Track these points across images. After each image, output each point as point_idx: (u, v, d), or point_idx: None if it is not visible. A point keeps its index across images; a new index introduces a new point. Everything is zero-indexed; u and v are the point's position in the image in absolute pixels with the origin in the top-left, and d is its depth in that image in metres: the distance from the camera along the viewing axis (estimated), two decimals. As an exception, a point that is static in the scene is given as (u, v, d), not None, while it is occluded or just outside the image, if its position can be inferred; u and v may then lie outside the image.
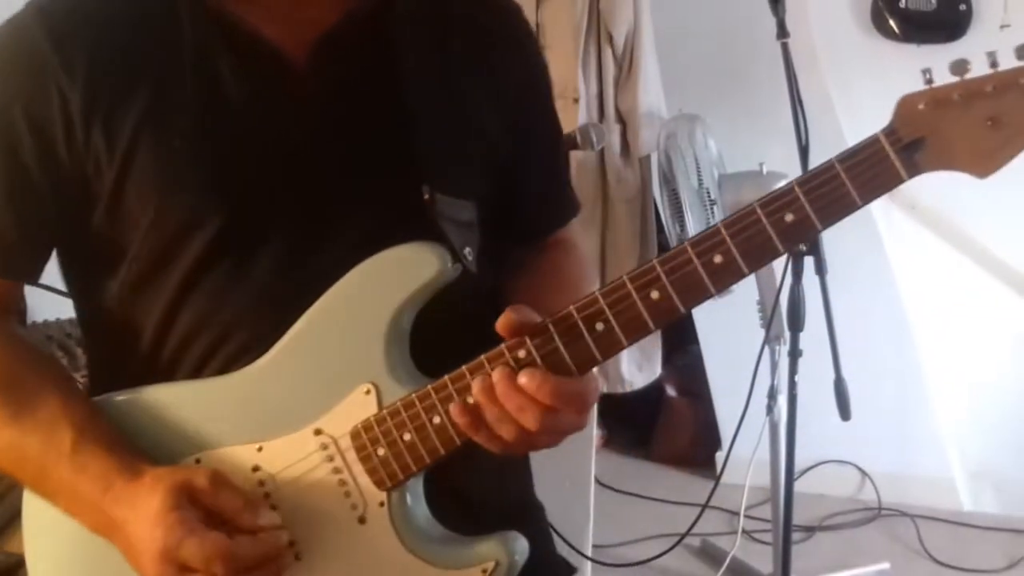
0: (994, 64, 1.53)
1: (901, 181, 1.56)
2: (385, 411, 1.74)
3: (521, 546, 1.76)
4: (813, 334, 4.58)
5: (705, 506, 5.53)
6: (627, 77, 5.67)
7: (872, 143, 1.56)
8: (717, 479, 5.62)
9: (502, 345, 1.70)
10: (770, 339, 4.89)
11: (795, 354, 4.65)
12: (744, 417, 5.16)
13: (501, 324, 1.67)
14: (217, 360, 1.83)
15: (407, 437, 1.73)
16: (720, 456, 6.16)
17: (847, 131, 5.82)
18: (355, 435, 1.75)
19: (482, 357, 1.71)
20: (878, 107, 5.06)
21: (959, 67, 1.55)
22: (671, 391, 6.88)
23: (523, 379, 1.65)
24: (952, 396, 6.24)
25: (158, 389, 1.84)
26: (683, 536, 5.49)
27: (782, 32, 4.49)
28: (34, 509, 1.89)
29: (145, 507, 1.68)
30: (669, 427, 6.90)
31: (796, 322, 4.60)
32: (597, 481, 5.17)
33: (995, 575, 5.53)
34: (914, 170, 1.55)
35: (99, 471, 1.74)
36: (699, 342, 6.43)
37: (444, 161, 1.90)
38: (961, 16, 5.81)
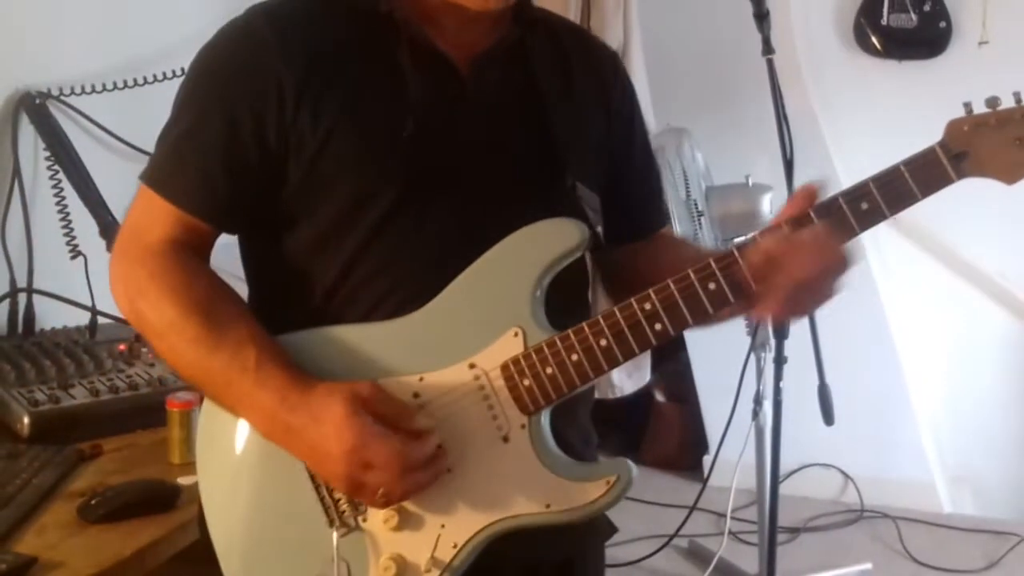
0: (1019, 101, 1.91)
1: (952, 181, 1.95)
2: (531, 350, 2.02)
3: (633, 467, 2.06)
4: (797, 342, 4.59)
5: (693, 508, 5.55)
6: (617, 92, 5.67)
7: (930, 152, 1.94)
8: (704, 482, 5.65)
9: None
10: (756, 346, 4.89)
11: (780, 361, 4.66)
12: (731, 422, 5.19)
13: (806, 193, 2.01)
14: (385, 307, 2.10)
15: (549, 371, 2.01)
16: (707, 460, 6.17)
17: (831, 144, 5.84)
18: (505, 368, 2.03)
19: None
20: (861, 120, 5.12)
21: (992, 102, 1.93)
22: (660, 397, 6.87)
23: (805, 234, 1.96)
24: (932, 402, 6.26)
25: (330, 329, 2.10)
26: (672, 537, 5.51)
27: (767, 48, 4.50)
28: (210, 426, 2.19)
29: (327, 413, 1.95)
30: (658, 432, 6.89)
31: (781, 330, 4.61)
32: (588, 484, 5.17)
33: (974, 575, 5.53)
34: (961, 174, 1.94)
35: (277, 384, 2.00)
36: (687, 349, 6.43)
37: (579, 158, 2.24)
38: (941, 33, 5.83)
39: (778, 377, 4.67)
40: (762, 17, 4.48)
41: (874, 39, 5.93)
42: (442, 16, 2.15)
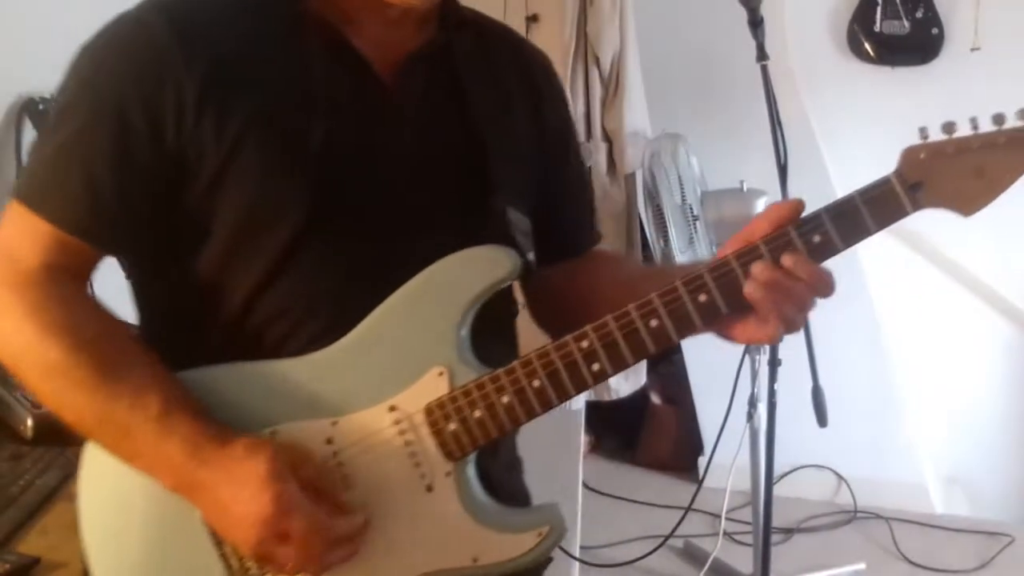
0: (975, 127, 1.79)
1: (907, 214, 1.82)
2: (458, 391, 1.86)
3: (564, 517, 1.90)
4: (791, 345, 4.57)
5: (688, 509, 5.55)
6: (613, 98, 5.68)
7: (885, 183, 1.81)
8: (699, 483, 5.63)
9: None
10: (750, 349, 4.90)
11: (774, 363, 4.66)
12: (725, 424, 5.19)
13: (759, 229, 1.86)
14: (295, 342, 1.90)
15: (477, 414, 1.85)
16: (702, 461, 6.17)
17: (824, 149, 5.84)
18: (428, 411, 1.86)
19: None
20: (854, 127, 5.12)
21: (949, 127, 1.80)
22: (656, 399, 6.88)
23: (787, 259, 1.82)
24: (925, 404, 6.26)
25: (235, 366, 1.89)
26: (667, 538, 5.50)
27: (762, 55, 4.51)
28: (96, 471, 1.96)
29: (246, 474, 1.75)
30: (654, 433, 6.90)
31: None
32: (585, 485, 5.18)
33: (966, 575, 5.53)
34: (917, 206, 1.81)
35: (187, 434, 1.79)
36: (682, 352, 6.43)
37: (509, 177, 2.06)
38: (933, 40, 5.83)
39: (772, 379, 4.67)
40: (756, 24, 4.49)
41: (867, 45, 5.93)
42: (363, 16, 1.96)
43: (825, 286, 1.84)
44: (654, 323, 1.82)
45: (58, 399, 1.86)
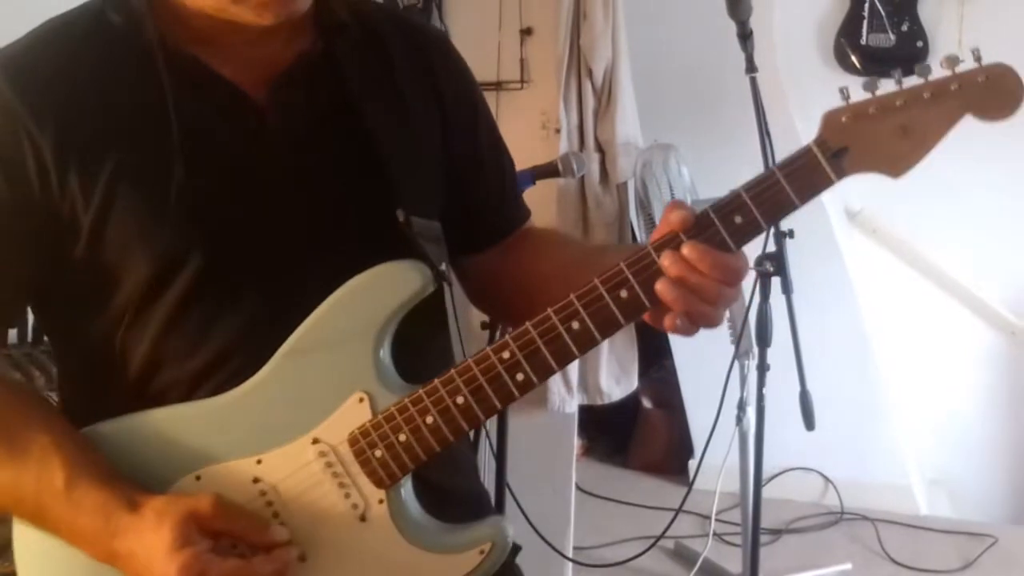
0: (899, 83, 1.69)
1: (832, 183, 1.68)
2: (380, 416, 1.75)
3: (510, 528, 1.80)
4: (780, 349, 4.59)
5: (679, 510, 5.53)
6: (606, 109, 5.68)
7: (806, 152, 1.68)
8: (690, 485, 5.61)
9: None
10: (739, 354, 4.90)
11: (763, 368, 4.66)
12: (715, 427, 5.17)
13: (677, 219, 1.72)
14: (209, 384, 1.80)
15: (403, 438, 1.75)
16: (693, 464, 6.16)
17: (811, 159, 5.84)
18: (353, 440, 1.76)
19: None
20: (840, 137, 4.98)
21: (870, 85, 1.71)
22: (647, 403, 6.87)
23: (686, 250, 1.68)
24: (909, 408, 6.27)
25: (150, 413, 1.80)
26: (658, 538, 5.49)
27: (751, 67, 4.51)
28: (27, 543, 1.84)
29: (153, 542, 1.64)
30: (645, 437, 6.89)
31: (764, 338, 4.62)
32: (578, 487, 5.19)
33: (950, 575, 5.54)
34: (841, 173, 1.68)
35: (95, 505, 1.68)
36: (673, 357, 6.43)
37: (410, 184, 1.92)
38: (918, 52, 5.84)
39: (761, 384, 4.67)
40: (745, 37, 4.49)
41: (854, 58, 5.94)
42: (222, 37, 1.80)
43: (732, 274, 1.70)
44: (576, 325, 1.71)
45: None
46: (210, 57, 1.80)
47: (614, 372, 5.80)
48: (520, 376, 1.73)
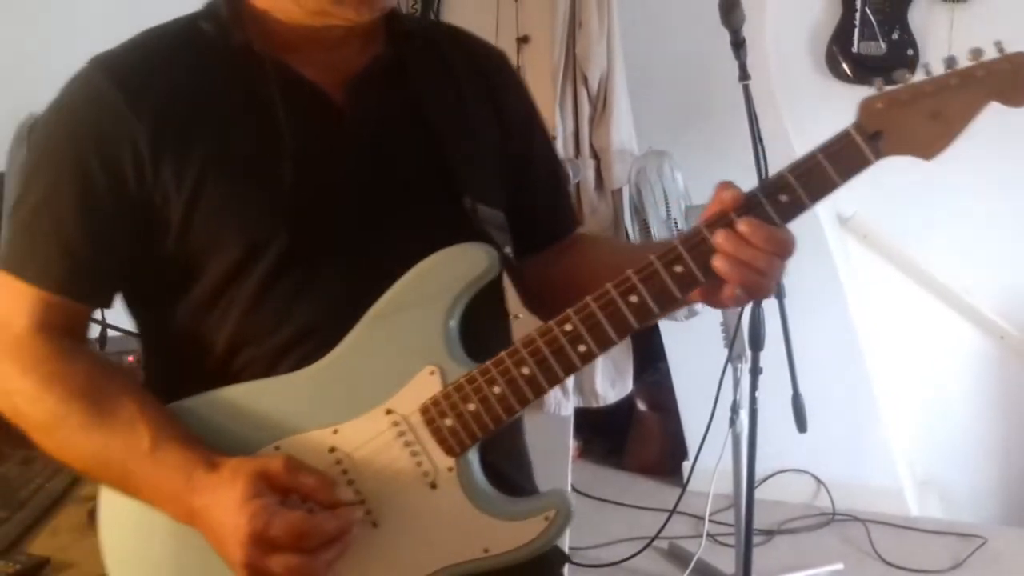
0: (928, 73, 1.82)
1: (870, 163, 1.80)
2: (450, 387, 1.83)
3: (571, 499, 1.87)
4: (772, 353, 4.60)
5: (673, 511, 5.55)
6: (601, 116, 5.68)
7: (845, 135, 1.80)
8: (684, 487, 5.65)
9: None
10: (733, 358, 4.90)
11: (756, 371, 4.67)
12: (709, 429, 5.20)
13: (729, 196, 1.81)
14: (289, 360, 1.90)
15: (472, 408, 1.83)
16: (687, 465, 6.18)
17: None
18: (424, 410, 1.84)
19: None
20: (832, 144, 4.97)
21: (901, 76, 1.83)
22: (641, 405, 6.87)
23: (741, 225, 1.78)
24: (900, 410, 6.27)
25: (232, 388, 1.89)
26: (653, 539, 5.51)
27: (744, 75, 4.52)
28: (112, 511, 1.94)
29: (227, 497, 1.73)
30: (640, 439, 6.89)
31: (757, 342, 4.62)
32: (574, 488, 5.20)
33: (940, 575, 5.55)
34: (879, 154, 1.79)
35: (177, 464, 1.78)
36: (667, 360, 6.43)
37: (474, 176, 2.04)
38: (908, 60, 5.85)
39: (754, 387, 4.68)
40: (739, 45, 4.50)
41: (845, 65, 5.95)
42: (306, 42, 1.95)
43: (783, 247, 1.81)
44: (634, 299, 1.80)
45: (63, 450, 1.87)
46: (293, 61, 1.94)
47: (609, 375, 5.80)
48: (582, 347, 1.82)
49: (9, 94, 3.51)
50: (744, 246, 1.78)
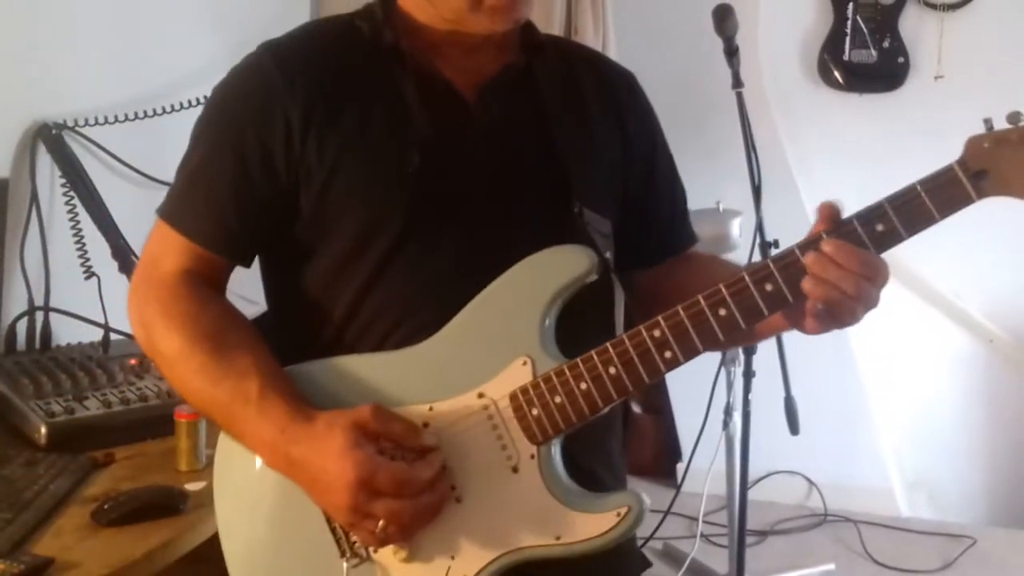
0: None
1: (972, 201, 1.77)
2: (540, 378, 1.90)
3: (646, 499, 1.93)
4: (765, 357, 4.61)
5: (667, 512, 5.55)
6: (596, 123, 5.68)
7: (948, 171, 1.76)
8: (678, 488, 5.64)
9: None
10: (726, 361, 4.90)
11: (749, 375, 4.68)
12: (702, 432, 5.19)
13: (827, 211, 1.85)
14: (396, 337, 2.01)
15: (558, 400, 1.89)
16: (681, 467, 6.15)
17: (796, 172, 5.85)
18: (513, 397, 1.91)
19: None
20: (824, 149, 5.14)
21: (1014, 118, 1.73)
22: (636, 408, 6.86)
23: (826, 246, 1.81)
24: (891, 413, 6.27)
25: (343, 359, 2.02)
26: (647, 539, 5.50)
27: (737, 82, 4.52)
28: (227, 454, 2.11)
29: (327, 446, 1.85)
30: (635, 441, 6.88)
31: (750, 345, 4.62)
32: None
33: (931, 575, 5.55)
34: (982, 193, 1.76)
35: (278, 415, 1.91)
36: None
37: (588, 184, 2.12)
38: (899, 68, 5.86)
39: (747, 390, 4.69)
40: (732, 53, 4.51)
41: (836, 73, 5.95)
42: (447, 45, 2.09)
43: (872, 270, 1.83)
44: (723, 312, 1.84)
45: (181, 385, 2.05)
46: (434, 61, 2.08)
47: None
48: (668, 353, 1.88)
49: (16, 103, 3.50)
50: (831, 266, 1.80)
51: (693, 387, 5.23)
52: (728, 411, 4.91)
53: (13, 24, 3.45)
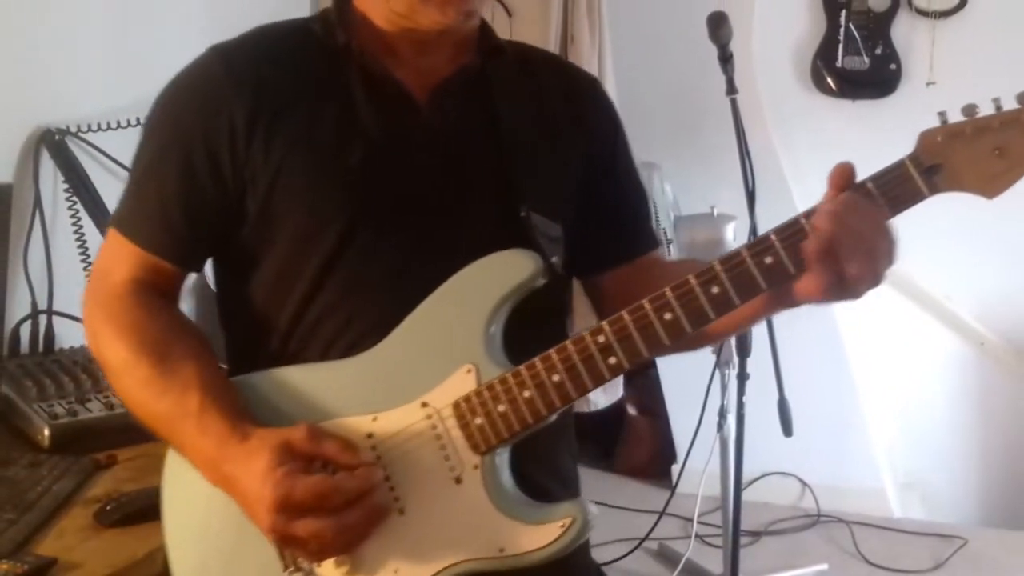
0: (998, 107, 1.68)
1: (924, 197, 1.72)
2: (484, 386, 1.85)
3: (592, 508, 1.86)
4: (759, 359, 4.61)
5: (662, 513, 5.55)
6: (592, 129, 5.68)
7: (899, 166, 1.72)
8: (673, 489, 5.65)
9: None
10: (720, 363, 4.90)
11: (743, 377, 4.68)
12: (697, 433, 5.21)
13: (841, 172, 1.77)
14: (341, 344, 1.97)
15: (501, 408, 1.83)
16: (676, 468, 6.17)
17: (790, 177, 5.85)
18: (456, 406, 1.86)
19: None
20: (817, 155, 5.12)
21: (969, 110, 1.70)
22: (632, 410, 6.86)
23: (844, 195, 1.74)
24: (883, 414, 6.28)
25: (288, 370, 1.97)
26: (642, 540, 5.51)
27: (731, 88, 4.53)
28: (176, 469, 2.03)
29: (254, 465, 1.79)
30: (630, 442, 6.88)
31: (744, 348, 4.63)
32: (566, 491, 5.15)
33: (922, 575, 5.55)
34: (934, 189, 1.71)
35: (216, 432, 1.86)
36: (657, 366, 6.43)
37: (537, 187, 2.07)
38: (891, 75, 5.86)
39: (741, 392, 4.69)
40: (726, 60, 4.51)
41: (829, 80, 5.96)
42: (401, 46, 2.05)
43: (877, 220, 1.73)
44: (668, 316, 1.78)
45: (126, 396, 1.99)
46: (386, 62, 2.05)
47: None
48: (612, 359, 1.81)
49: (19, 108, 3.51)
50: (851, 210, 1.72)
51: (688, 389, 5.24)
52: (722, 413, 4.91)
53: (16, 30, 3.46)
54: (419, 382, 1.89)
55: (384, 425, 1.89)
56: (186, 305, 2.18)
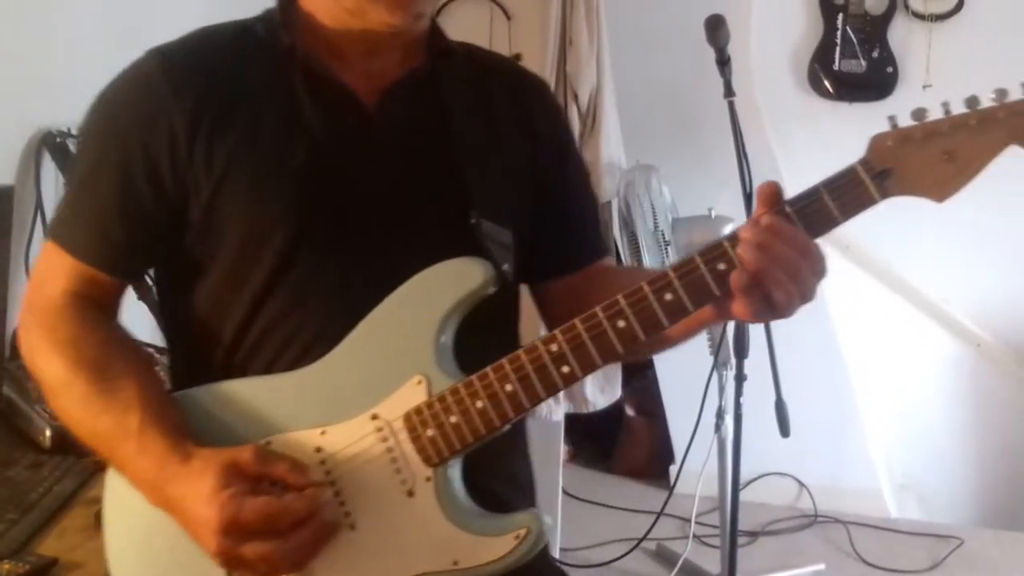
0: (947, 111, 1.66)
1: (875, 202, 1.69)
2: (435, 398, 1.80)
3: (546, 519, 1.82)
4: (756, 361, 4.60)
5: (660, 514, 5.55)
6: (591, 132, 5.67)
7: (850, 171, 1.70)
8: (671, 489, 5.64)
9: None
10: (718, 365, 4.90)
11: (740, 378, 4.68)
12: (695, 434, 5.20)
13: (768, 190, 1.73)
14: (287, 357, 1.91)
15: (453, 420, 1.79)
16: (673, 469, 6.18)
17: (787, 179, 5.81)
18: (407, 418, 1.81)
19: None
20: (814, 157, 5.15)
21: (919, 114, 1.69)
22: (630, 411, 6.87)
23: (767, 220, 1.70)
24: (880, 415, 6.28)
25: (233, 383, 1.90)
26: (640, 540, 5.51)
27: (729, 91, 4.53)
28: (118, 489, 1.93)
29: (198, 487, 1.73)
30: (628, 443, 6.89)
31: (741, 350, 4.64)
32: (564, 491, 5.19)
33: (919, 575, 5.55)
34: (885, 193, 1.68)
35: (156, 452, 1.79)
36: (655, 367, 6.43)
37: (487, 193, 2.01)
38: (888, 78, 5.86)
39: (738, 393, 4.69)
40: (724, 63, 4.52)
41: (827, 83, 5.96)
42: (349, 47, 1.99)
43: (813, 255, 1.72)
44: (621, 324, 1.74)
45: (64, 414, 1.91)
46: (334, 65, 1.98)
47: (599, 382, 5.79)
48: (565, 368, 1.77)
49: (20, 111, 3.50)
50: (770, 236, 1.69)
51: (686, 391, 5.25)
52: (720, 414, 4.92)
53: (18, 31, 3.45)
54: (368, 394, 1.84)
55: (333, 439, 1.84)
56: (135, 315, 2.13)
